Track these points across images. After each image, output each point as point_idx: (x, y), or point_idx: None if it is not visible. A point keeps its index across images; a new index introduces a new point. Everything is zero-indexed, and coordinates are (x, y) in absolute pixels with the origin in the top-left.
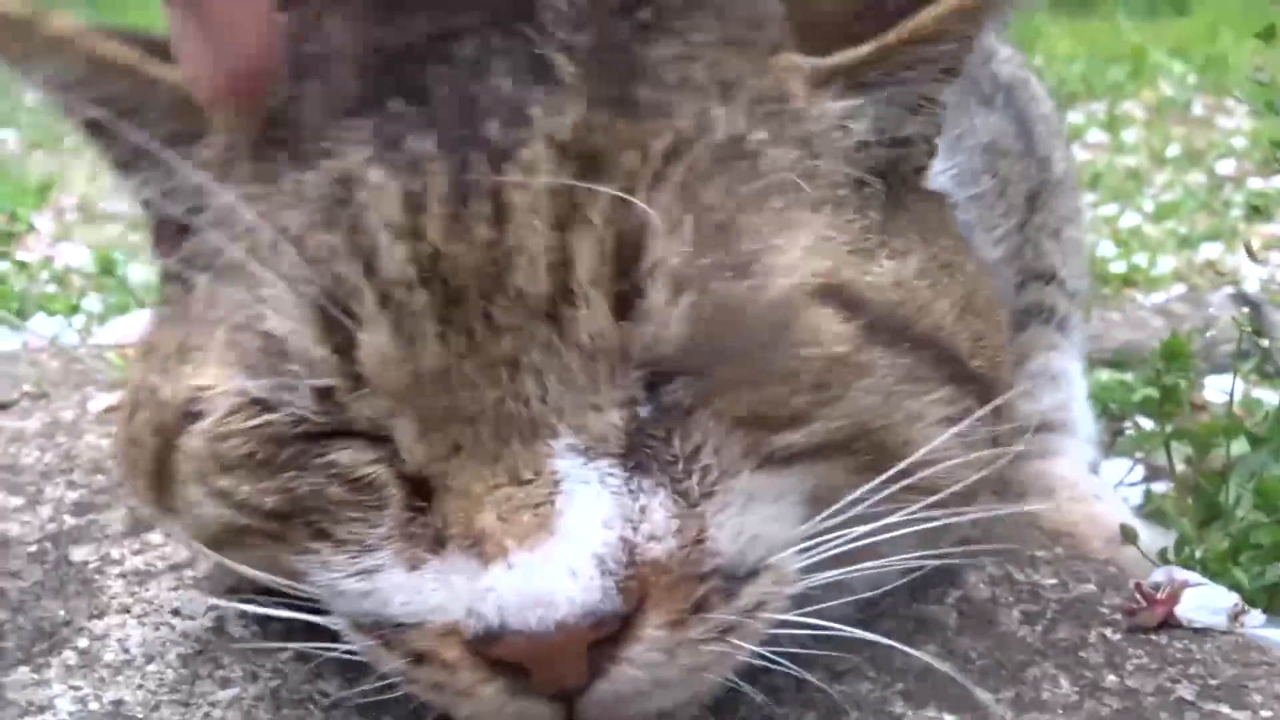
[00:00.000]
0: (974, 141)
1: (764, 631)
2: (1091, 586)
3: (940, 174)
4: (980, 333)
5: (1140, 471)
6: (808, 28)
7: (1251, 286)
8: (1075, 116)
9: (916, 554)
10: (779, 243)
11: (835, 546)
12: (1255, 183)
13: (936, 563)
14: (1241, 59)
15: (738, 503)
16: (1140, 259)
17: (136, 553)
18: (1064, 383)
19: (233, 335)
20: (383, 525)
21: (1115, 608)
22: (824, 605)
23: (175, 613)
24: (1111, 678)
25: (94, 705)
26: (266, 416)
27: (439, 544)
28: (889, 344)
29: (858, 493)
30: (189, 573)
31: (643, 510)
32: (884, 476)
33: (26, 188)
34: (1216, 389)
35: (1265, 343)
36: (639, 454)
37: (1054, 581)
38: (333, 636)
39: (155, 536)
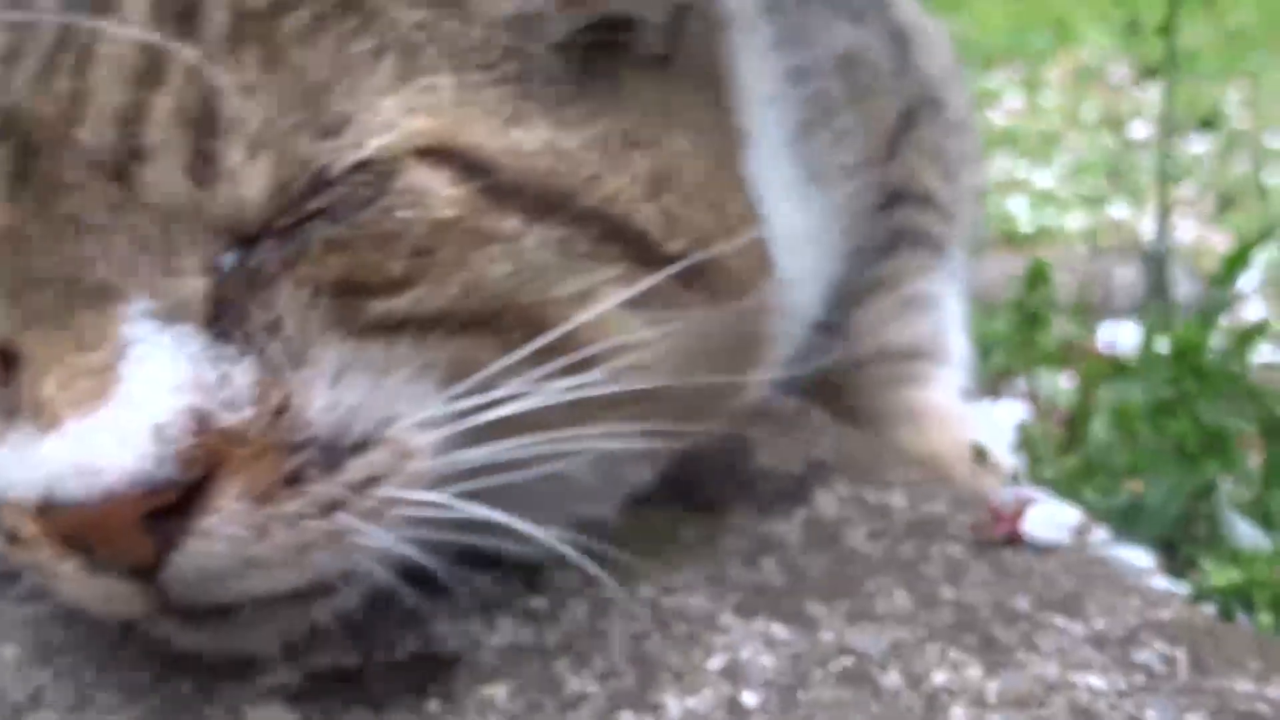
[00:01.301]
0: (825, 43)
1: (390, 511)
2: (942, 507)
3: (770, 71)
4: (680, 213)
5: (1024, 410)
6: None
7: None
8: (994, 80)
9: (604, 430)
10: (383, 103)
11: (476, 418)
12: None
13: (638, 444)
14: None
15: (331, 371)
16: (1049, 217)
17: None
18: (937, 308)
19: None
20: None
21: (964, 526)
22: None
23: None
24: (949, 591)
25: None
26: None
27: (14, 415)
28: (531, 213)
29: (497, 366)
30: None
31: (222, 378)
32: (525, 350)
33: None
34: (1109, 334)
35: None
36: (222, 321)
37: (905, 503)
38: None
39: None
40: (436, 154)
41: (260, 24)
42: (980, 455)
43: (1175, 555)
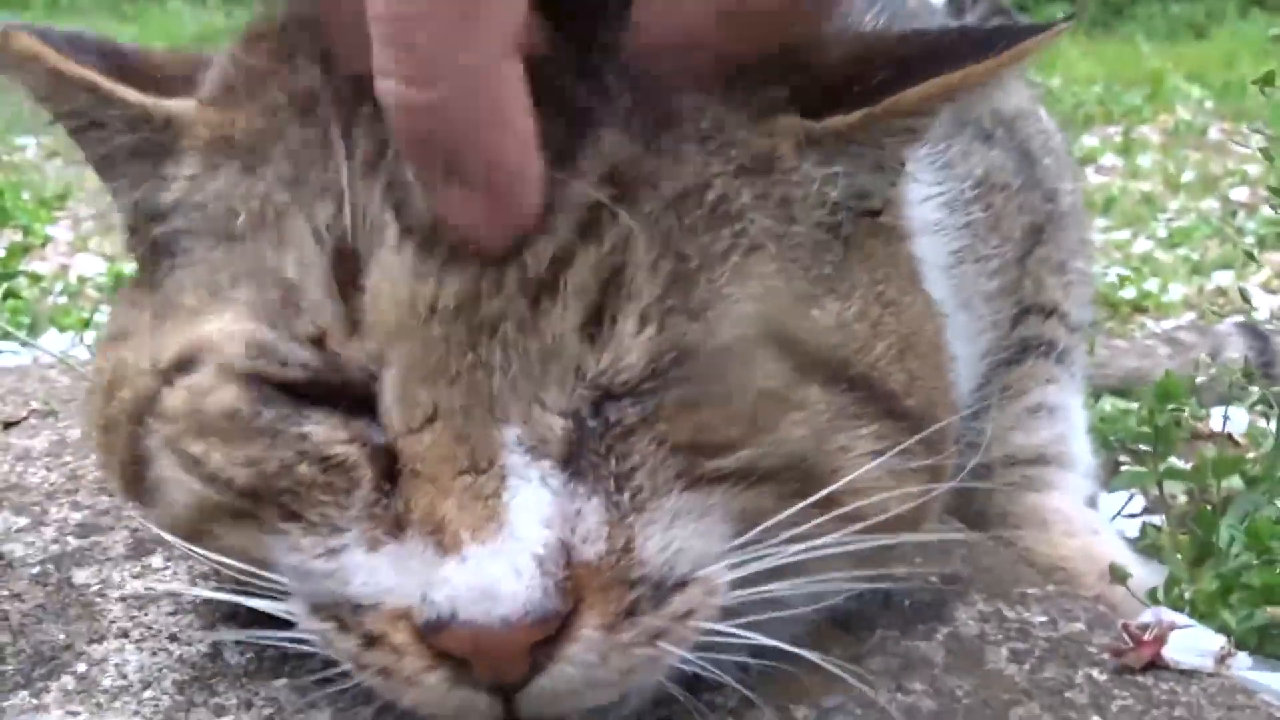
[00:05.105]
0: (966, 170)
1: (693, 639)
2: (1080, 625)
3: (929, 199)
4: (918, 372)
5: (1141, 503)
6: (803, 88)
7: (1261, 313)
8: (1091, 140)
9: (848, 575)
10: (734, 293)
11: (763, 563)
12: (1270, 210)
13: (871, 585)
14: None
15: (665, 518)
16: (1151, 285)
17: (137, 576)
18: (1062, 416)
19: (248, 292)
20: (352, 507)
21: (1103, 647)
22: (758, 619)
23: (173, 638)
24: (1095, 719)
25: None
26: (260, 365)
27: (400, 527)
28: (824, 382)
29: (783, 515)
30: (188, 597)
31: (578, 513)
32: (807, 502)
33: (43, 197)
34: (1223, 419)
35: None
36: (578, 462)
37: (1043, 619)
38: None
39: (156, 560)
40: (767, 337)
41: (667, 213)
42: (1119, 575)
43: None
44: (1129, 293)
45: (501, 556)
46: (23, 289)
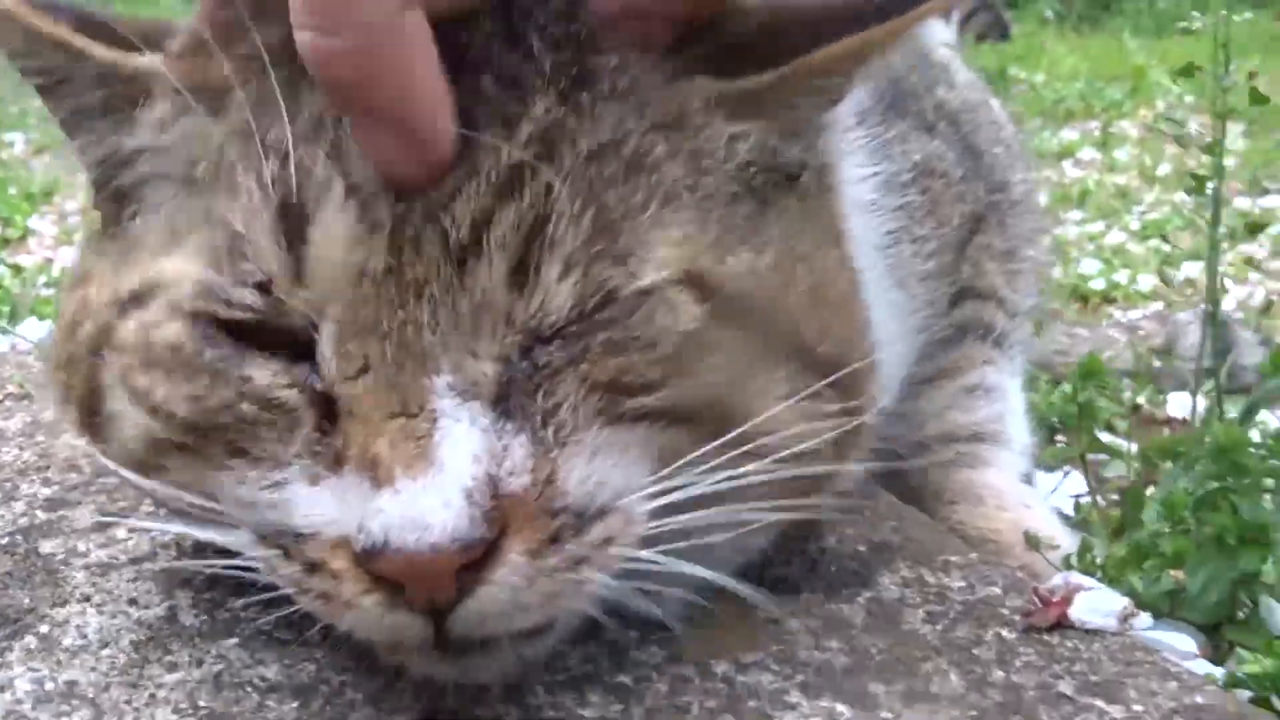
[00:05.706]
0: (902, 153)
1: (614, 566)
2: (997, 590)
3: (865, 179)
4: (829, 321)
5: (1084, 485)
6: (718, 51)
7: (1227, 304)
8: (1070, 134)
9: (766, 505)
10: (655, 238)
11: (680, 494)
12: (1242, 202)
13: (791, 516)
14: (1242, 79)
15: (587, 453)
16: (1121, 276)
17: (101, 546)
18: (999, 396)
19: (200, 236)
20: (294, 444)
21: (1016, 609)
22: (680, 546)
23: (132, 602)
24: (999, 673)
25: (49, 685)
26: (207, 305)
27: (338, 463)
28: (738, 328)
29: (699, 452)
30: (148, 566)
31: (505, 449)
32: (721, 441)
33: (29, 191)
34: (1180, 405)
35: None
36: (506, 402)
37: (962, 584)
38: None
39: (120, 532)
40: (686, 280)
41: (587, 166)
42: (1033, 542)
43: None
44: (1099, 283)
45: (431, 490)
46: (4, 279)
